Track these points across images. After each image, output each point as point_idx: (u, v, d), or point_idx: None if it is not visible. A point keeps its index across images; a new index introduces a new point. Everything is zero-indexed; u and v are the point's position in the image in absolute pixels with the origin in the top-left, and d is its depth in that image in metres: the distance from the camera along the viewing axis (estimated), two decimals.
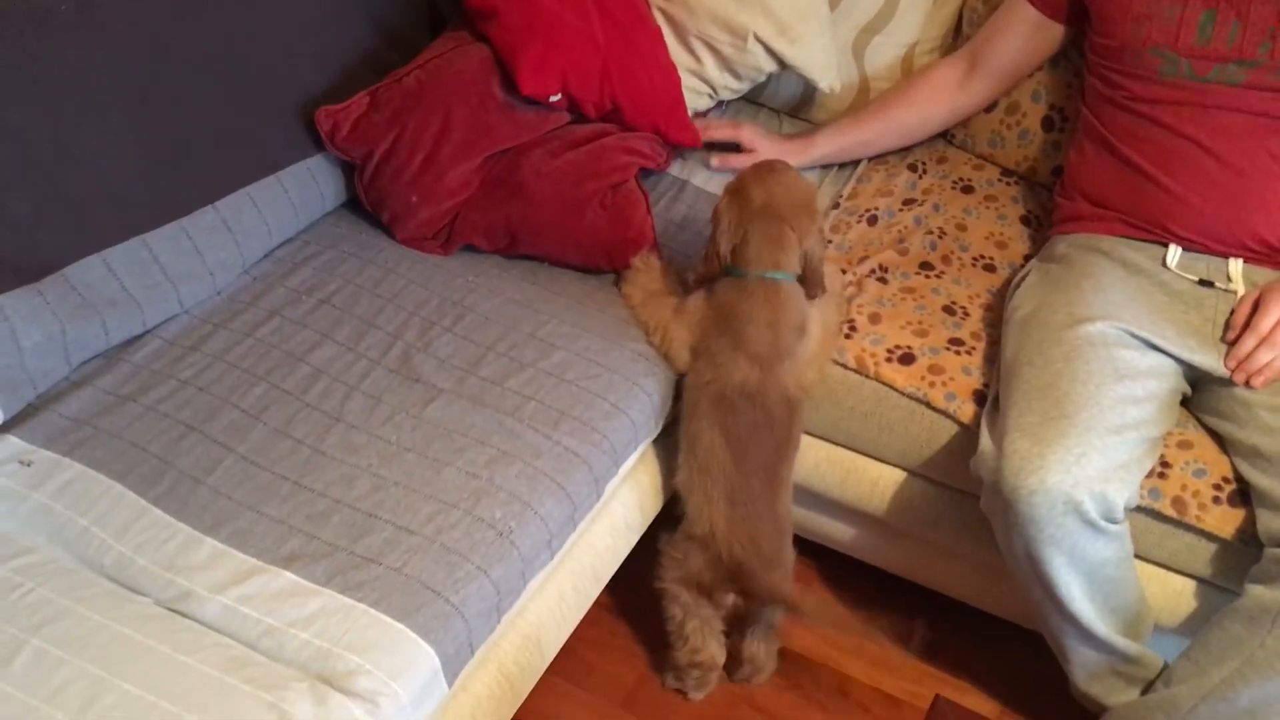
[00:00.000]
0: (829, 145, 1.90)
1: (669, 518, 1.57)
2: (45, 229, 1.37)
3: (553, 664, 1.53)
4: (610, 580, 1.61)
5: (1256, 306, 1.45)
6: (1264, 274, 1.52)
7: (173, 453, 1.34)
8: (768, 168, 1.53)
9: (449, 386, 1.46)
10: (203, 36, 1.53)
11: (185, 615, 1.20)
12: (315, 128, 1.64)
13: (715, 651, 1.60)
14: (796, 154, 1.88)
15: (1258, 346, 1.42)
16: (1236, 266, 1.52)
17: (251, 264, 1.61)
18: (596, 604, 1.62)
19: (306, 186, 1.66)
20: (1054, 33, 1.76)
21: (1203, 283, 1.52)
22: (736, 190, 1.52)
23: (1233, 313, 1.48)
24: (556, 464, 1.39)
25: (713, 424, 1.47)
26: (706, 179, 1.90)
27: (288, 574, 1.22)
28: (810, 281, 1.53)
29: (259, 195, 1.60)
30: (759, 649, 1.66)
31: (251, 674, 1.13)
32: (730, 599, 1.53)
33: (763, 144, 1.89)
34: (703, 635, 1.57)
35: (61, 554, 1.25)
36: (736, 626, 1.62)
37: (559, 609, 1.48)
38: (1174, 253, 1.55)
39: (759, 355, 1.47)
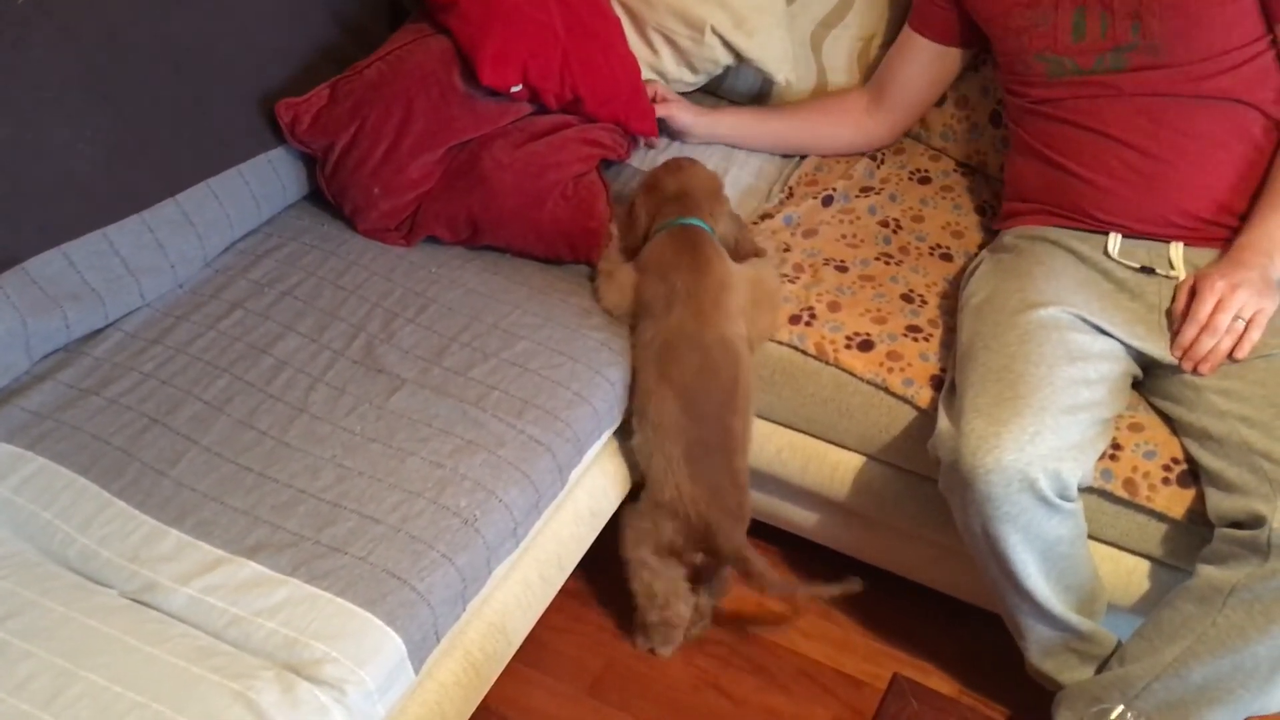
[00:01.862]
0: (733, 121, 1.94)
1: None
2: (4, 223, 1.37)
3: (519, 651, 1.54)
4: (576, 567, 1.63)
5: (1193, 294, 1.47)
6: (1206, 255, 1.54)
7: (136, 445, 1.34)
8: (676, 164, 1.68)
9: (412, 377, 1.47)
10: (162, 29, 1.53)
11: (151, 606, 1.20)
12: (276, 120, 1.64)
13: (683, 609, 1.64)
14: (702, 114, 1.92)
15: (1199, 334, 1.44)
16: (1178, 251, 1.55)
17: (213, 256, 1.61)
18: (562, 591, 1.63)
19: (268, 179, 1.66)
20: (951, 58, 1.82)
21: (1144, 270, 1.55)
22: (651, 185, 1.66)
23: (1174, 300, 1.51)
24: (520, 452, 1.40)
25: (660, 379, 1.51)
26: None
27: (253, 564, 1.23)
28: (739, 252, 1.65)
29: (220, 188, 1.59)
30: (707, 603, 1.70)
31: (218, 663, 1.13)
32: (699, 557, 1.56)
33: (673, 96, 1.91)
34: (671, 594, 1.60)
35: (25, 547, 1.24)
36: (695, 582, 1.66)
37: (525, 596, 1.49)
38: (1114, 241, 1.57)
39: (689, 294, 1.54)
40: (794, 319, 1.64)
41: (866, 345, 1.60)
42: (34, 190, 1.39)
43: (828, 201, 1.85)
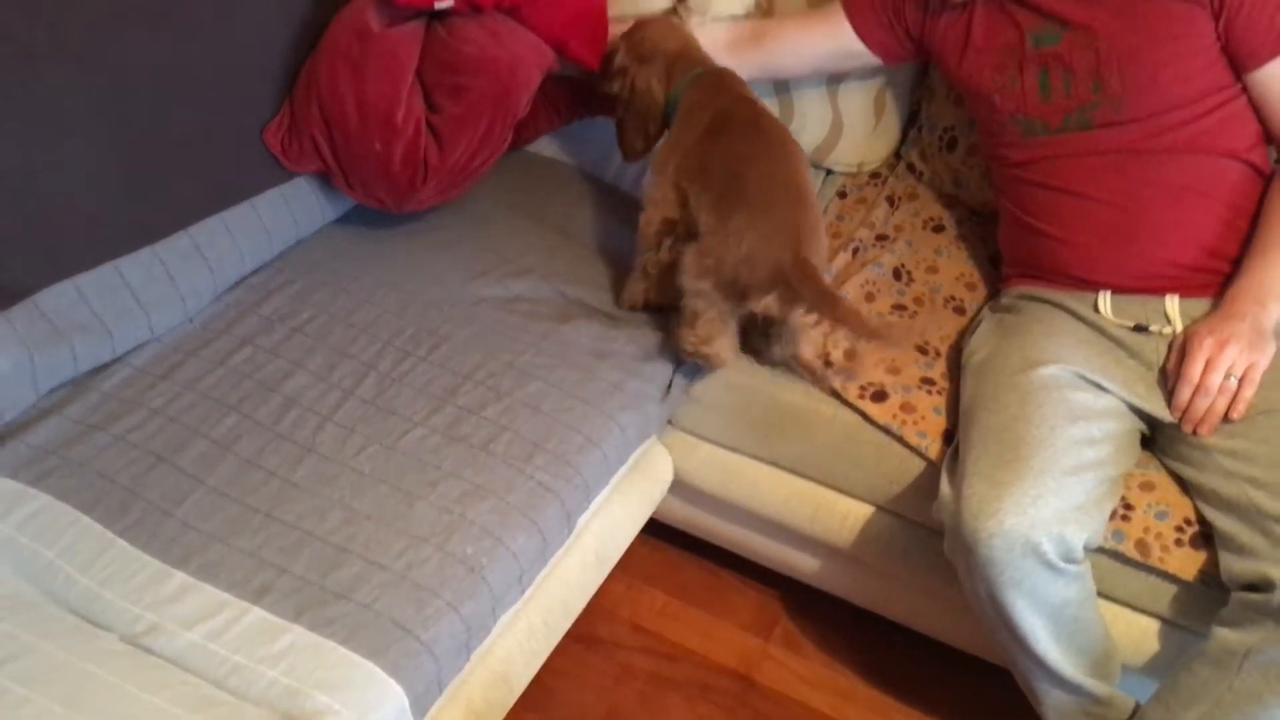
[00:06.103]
0: None
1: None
2: (16, 255, 1.36)
3: (521, 695, 1.52)
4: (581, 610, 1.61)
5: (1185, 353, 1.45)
6: (1203, 305, 1.52)
7: (141, 484, 1.33)
8: (653, 23, 1.72)
9: (422, 418, 1.46)
10: (176, 62, 1.52)
11: (152, 651, 1.19)
12: None
13: (726, 353, 1.59)
14: None
15: (1193, 395, 1.43)
16: (1173, 304, 1.53)
17: (224, 290, 1.61)
18: (566, 635, 1.61)
19: (280, 213, 1.66)
20: (858, 58, 1.81)
21: (1138, 328, 1.54)
22: (643, 54, 1.67)
23: (1168, 358, 1.49)
24: (528, 498, 1.39)
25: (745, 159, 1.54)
26: None
27: (257, 609, 1.22)
28: None
29: (233, 221, 1.59)
30: (781, 353, 1.63)
31: (219, 713, 1.12)
32: (767, 303, 1.50)
33: None
34: (713, 332, 1.56)
35: (26, 587, 1.23)
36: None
37: (529, 643, 1.48)
38: (1104, 299, 1.57)
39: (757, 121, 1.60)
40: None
41: (880, 396, 1.59)
42: (45, 222, 1.39)
43: (855, 252, 1.85)
